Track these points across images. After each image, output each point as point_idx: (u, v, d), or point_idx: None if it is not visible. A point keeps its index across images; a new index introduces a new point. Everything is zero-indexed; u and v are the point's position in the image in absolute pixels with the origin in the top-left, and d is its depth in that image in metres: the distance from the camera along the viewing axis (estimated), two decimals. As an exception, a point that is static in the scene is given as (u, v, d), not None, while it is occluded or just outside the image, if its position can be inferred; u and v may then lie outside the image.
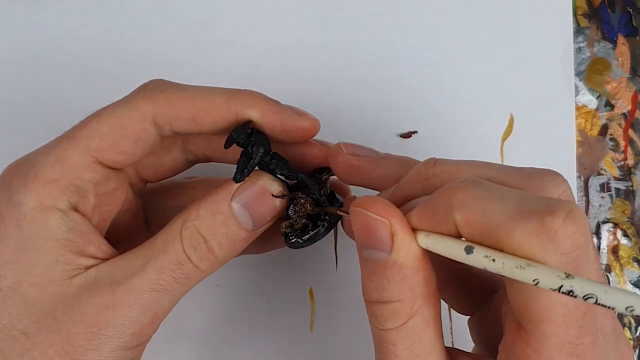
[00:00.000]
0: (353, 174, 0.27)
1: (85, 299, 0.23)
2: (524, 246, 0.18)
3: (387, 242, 0.21)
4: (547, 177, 0.21)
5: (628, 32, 0.41)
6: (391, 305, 0.21)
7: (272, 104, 0.26)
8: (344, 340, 0.37)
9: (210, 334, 0.36)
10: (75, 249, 0.24)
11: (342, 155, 0.27)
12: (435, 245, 0.21)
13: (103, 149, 0.24)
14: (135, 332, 0.24)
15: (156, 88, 0.25)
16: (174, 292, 0.24)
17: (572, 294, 0.17)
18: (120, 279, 0.24)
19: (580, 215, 0.18)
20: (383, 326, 0.22)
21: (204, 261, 0.25)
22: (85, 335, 0.23)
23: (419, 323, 0.21)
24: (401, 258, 0.21)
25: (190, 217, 0.25)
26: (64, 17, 0.37)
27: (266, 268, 0.37)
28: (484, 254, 0.19)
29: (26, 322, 0.23)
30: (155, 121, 0.25)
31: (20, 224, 0.23)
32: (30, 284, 0.23)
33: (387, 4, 0.39)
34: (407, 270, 0.21)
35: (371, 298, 0.22)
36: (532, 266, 0.18)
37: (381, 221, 0.21)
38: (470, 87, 0.39)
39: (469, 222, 0.20)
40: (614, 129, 0.40)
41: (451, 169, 0.23)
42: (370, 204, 0.21)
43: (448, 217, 0.20)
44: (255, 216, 0.26)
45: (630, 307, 0.16)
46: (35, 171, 0.24)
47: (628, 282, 0.39)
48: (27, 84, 0.37)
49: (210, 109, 0.25)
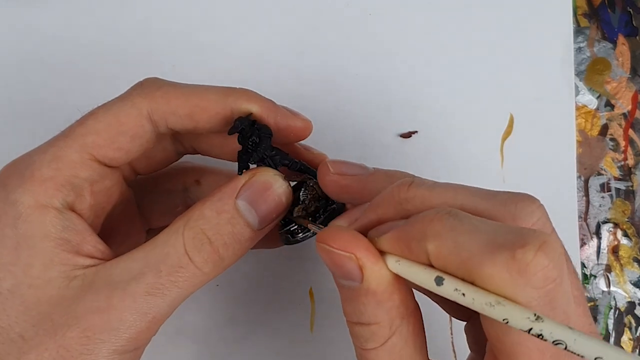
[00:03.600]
0: (342, 193, 0.26)
1: (81, 301, 0.23)
2: (495, 280, 0.18)
3: (356, 273, 0.21)
4: (520, 203, 0.21)
5: (628, 32, 0.41)
6: (369, 328, 0.21)
7: (267, 101, 0.26)
8: (344, 340, 0.36)
9: (210, 333, 0.36)
10: (70, 248, 0.24)
11: (329, 174, 0.26)
12: (406, 272, 0.21)
13: (100, 145, 0.24)
14: (132, 336, 0.23)
15: (152, 85, 0.25)
16: (173, 296, 0.24)
17: (542, 337, 0.17)
18: (117, 282, 0.23)
19: (553, 247, 0.18)
20: (363, 346, 0.22)
21: (208, 263, 0.24)
22: (80, 340, 0.23)
23: (397, 342, 0.22)
24: (373, 286, 0.21)
25: (193, 217, 0.24)
26: (64, 17, 0.37)
27: (266, 268, 0.37)
28: (454, 287, 0.19)
29: (24, 325, 0.23)
30: (151, 118, 0.25)
31: (16, 223, 0.23)
32: (29, 286, 0.23)
33: (387, 4, 0.39)
34: (381, 296, 0.21)
35: (351, 319, 0.22)
36: (501, 304, 0.18)
37: (346, 256, 0.21)
38: (470, 87, 0.39)
39: (440, 254, 0.19)
40: (614, 129, 0.40)
41: (424, 193, 0.22)
42: (333, 239, 0.21)
43: (420, 246, 0.20)
44: (262, 213, 0.25)
45: (599, 357, 0.16)
46: (31, 170, 0.24)
47: (628, 282, 0.39)
48: (27, 84, 0.37)
49: (206, 105, 0.25)
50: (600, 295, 0.39)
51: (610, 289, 0.39)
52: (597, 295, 0.39)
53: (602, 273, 0.40)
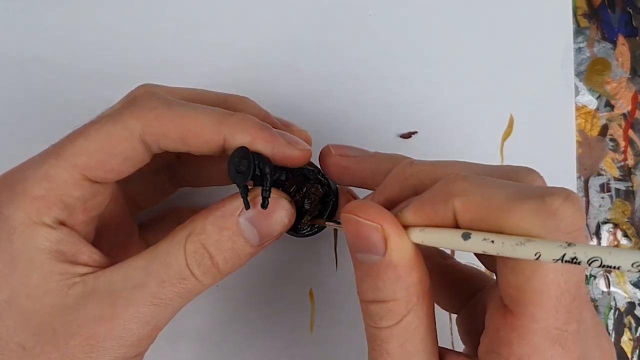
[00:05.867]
0: (342, 174, 0.28)
1: (83, 309, 0.23)
2: (524, 224, 0.19)
3: (380, 245, 0.21)
4: (522, 172, 0.22)
5: (628, 32, 0.41)
6: (386, 305, 0.22)
7: (263, 130, 0.25)
8: (344, 340, 0.37)
9: (210, 334, 0.36)
10: (67, 258, 0.24)
11: (331, 156, 0.28)
12: (430, 237, 0.21)
13: (91, 167, 0.24)
14: (134, 343, 0.24)
15: (146, 104, 0.25)
16: (174, 305, 0.24)
17: (576, 260, 0.17)
18: (119, 291, 0.23)
19: (578, 199, 0.19)
20: (377, 324, 0.22)
21: (207, 276, 0.25)
22: (83, 348, 0.23)
23: (412, 321, 0.22)
24: (395, 259, 0.21)
25: (195, 230, 0.25)
26: (64, 17, 0.37)
27: (266, 269, 0.37)
28: (482, 237, 0.19)
29: (24, 335, 0.23)
30: (143, 139, 0.25)
31: (11, 237, 0.23)
32: (27, 296, 0.23)
33: (387, 4, 0.39)
34: (401, 271, 0.21)
35: (366, 298, 0.22)
36: (532, 241, 0.18)
37: (373, 226, 0.21)
38: (470, 87, 0.39)
39: (468, 207, 0.20)
40: (614, 129, 0.40)
41: (428, 168, 0.23)
42: (361, 210, 0.22)
43: (447, 205, 0.20)
44: (263, 232, 0.25)
45: (636, 262, 0.16)
46: (23, 187, 0.24)
47: (628, 283, 0.39)
48: (27, 84, 0.37)
49: (199, 131, 0.25)
50: (600, 295, 0.39)
51: (610, 289, 0.39)
52: (597, 295, 0.39)
53: (602, 273, 0.40)
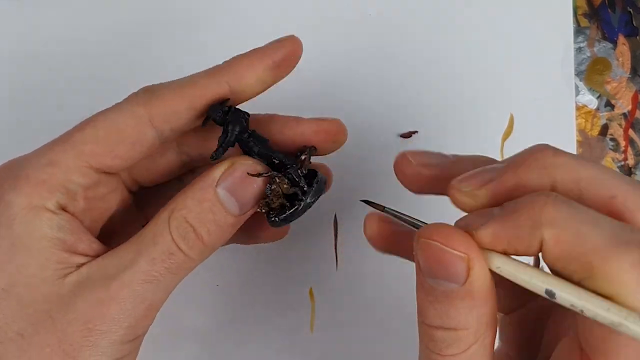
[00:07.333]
0: (425, 185, 0.25)
1: (80, 296, 0.23)
2: (621, 277, 0.17)
3: (462, 275, 0.20)
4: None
5: (628, 32, 0.41)
6: (455, 333, 0.21)
7: (253, 51, 0.26)
8: (344, 340, 0.37)
9: (210, 334, 0.36)
10: (66, 247, 0.24)
11: (411, 167, 0.25)
12: (509, 271, 0.20)
13: (98, 154, 0.24)
14: (131, 324, 0.24)
15: (147, 93, 0.25)
16: (167, 282, 0.24)
17: None
18: (113, 273, 0.24)
19: None
20: (442, 352, 0.21)
21: (194, 249, 0.25)
22: (81, 332, 0.23)
23: (479, 350, 0.21)
24: (475, 288, 0.20)
25: (177, 206, 0.25)
26: (64, 17, 0.37)
27: (266, 268, 0.37)
28: (570, 303, 0.18)
29: (22, 323, 0.23)
30: (153, 124, 0.25)
31: (11, 224, 0.23)
32: (24, 285, 0.23)
33: (387, 4, 0.39)
34: (478, 301, 0.20)
35: (432, 323, 0.21)
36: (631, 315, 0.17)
37: (459, 256, 0.20)
38: (470, 87, 0.39)
39: (559, 242, 0.18)
40: (614, 129, 0.40)
41: (572, 164, 0.20)
42: (444, 237, 0.20)
43: (534, 234, 0.19)
44: (241, 200, 0.26)
45: None
46: (26, 172, 0.24)
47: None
48: (27, 83, 0.37)
49: (202, 91, 0.25)
50: None
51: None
52: None
53: None
